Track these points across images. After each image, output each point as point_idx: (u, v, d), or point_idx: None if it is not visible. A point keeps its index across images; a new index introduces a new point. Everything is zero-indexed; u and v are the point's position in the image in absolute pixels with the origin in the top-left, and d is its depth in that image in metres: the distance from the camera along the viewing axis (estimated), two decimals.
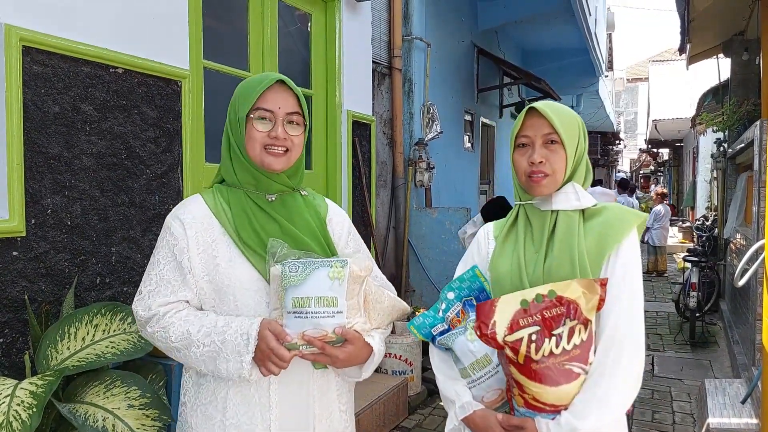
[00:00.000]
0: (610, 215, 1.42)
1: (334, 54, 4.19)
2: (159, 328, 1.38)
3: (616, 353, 1.28)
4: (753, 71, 6.79)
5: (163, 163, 2.78)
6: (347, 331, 1.33)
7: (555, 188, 1.43)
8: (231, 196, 1.47)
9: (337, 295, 1.31)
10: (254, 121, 1.43)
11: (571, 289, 1.27)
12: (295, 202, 1.51)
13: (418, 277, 5.34)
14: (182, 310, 1.41)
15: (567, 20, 7.72)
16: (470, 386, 1.43)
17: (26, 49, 2.19)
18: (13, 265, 2.17)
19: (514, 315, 1.26)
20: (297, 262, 1.33)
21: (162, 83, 2.77)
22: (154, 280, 1.42)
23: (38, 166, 2.25)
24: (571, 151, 1.42)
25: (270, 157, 1.43)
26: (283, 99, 1.44)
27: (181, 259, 1.41)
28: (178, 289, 1.41)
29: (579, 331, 1.26)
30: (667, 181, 26.78)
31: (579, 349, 1.26)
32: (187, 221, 1.43)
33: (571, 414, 1.25)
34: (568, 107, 1.49)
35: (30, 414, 1.63)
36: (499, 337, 1.26)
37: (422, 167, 5.36)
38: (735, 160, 6.65)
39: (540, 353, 1.23)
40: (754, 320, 3.92)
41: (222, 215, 1.44)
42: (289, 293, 1.31)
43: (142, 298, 1.42)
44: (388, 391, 3.81)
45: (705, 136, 12.54)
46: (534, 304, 1.27)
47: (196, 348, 1.34)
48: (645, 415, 4.23)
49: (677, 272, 10.48)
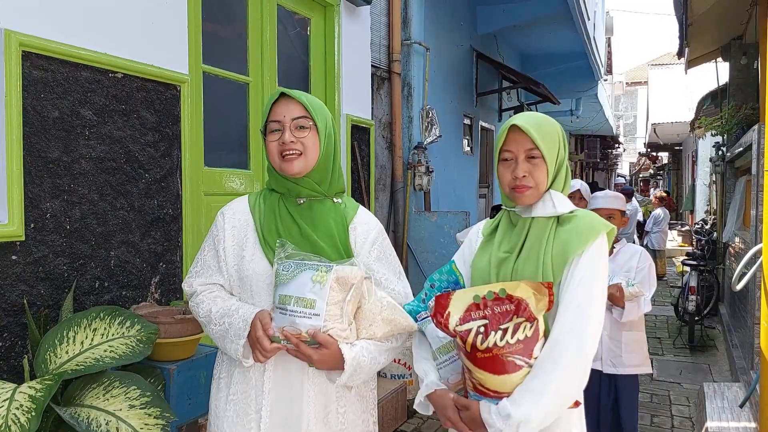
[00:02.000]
0: (579, 223, 1.50)
1: (333, 58, 4.20)
2: (194, 303, 1.63)
3: (558, 351, 1.37)
4: (751, 75, 6.81)
5: (162, 168, 2.79)
6: (318, 333, 1.40)
7: (538, 198, 1.53)
8: (269, 199, 1.65)
9: (316, 298, 1.40)
10: (268, 134, 1.60)
11: (520, 289, 1.38)
12: (322, 208, 1.62)
13: (417, 280, 5.33)
14: (214, 291, 1.62)
15: (566, 24, 7.74)
16: (438, 368, 1.57)
17: (26, 54, 2.20)
18: (12, 269, 2.18)
19: (467, 308, 1.39)
20: (292, 263, 1.44)
21: (161, 88, 2.78)
22: (200, 263, 1.66)
23: (37, 171, 2.26)
24: (551, 162, 1.52)
25: (285, 162, 1.57)
26: (288, 108, 1.58)
27: (217, 248, 1.63)
28: (214, 273, 1.63)
29: (524, 328, 1.36)
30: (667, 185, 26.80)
31: (522, 344, 1.36)
32: (227, 216, 1.65)
33: (508, 401, 1.36)
34: (547, 117, 1.58)
35: (29, 418, 1.63)
36: (451, 326, 1.39)
37: (421, 171, 5.36)
38: (734, 163, 6.66)
39: (485, 344, 1.35)
40: (752, 324, 3.93)
41: (256, 214, 1.63)
42: (278, 290, 1.44)
43: (189, 277, 1.67)
44: (386, 394, 3.81)
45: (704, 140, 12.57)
46: (485, 300, 1.39)
47: (213, 326, 1.55)
48: (644, 418, 4.23)
49: (676, 276, 10.49)
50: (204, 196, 3.13)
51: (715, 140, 8.13)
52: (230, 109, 3.50)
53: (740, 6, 5.77)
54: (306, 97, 1.60)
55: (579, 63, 9.66)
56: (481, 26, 7.46)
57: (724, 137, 7.49)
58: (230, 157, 3.48)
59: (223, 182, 3.30)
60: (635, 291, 2.77)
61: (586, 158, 21.28)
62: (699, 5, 5.73)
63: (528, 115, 1.55)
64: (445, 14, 6.39)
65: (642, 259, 3.05)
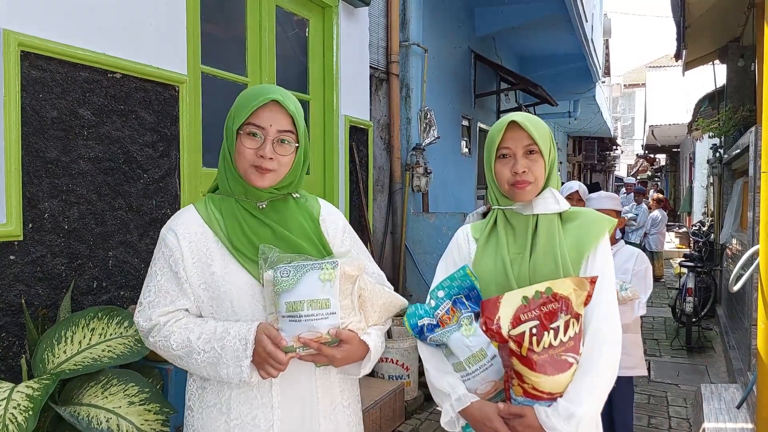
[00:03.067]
0: (586, 219, 1.56)
1: (331, 59, 4.21)
2: (161, 337, 1.41)
3: (599, 345, 1.41)
4: (749, 77, 6.83)
5: (160, 168, 2.79)
6: (341, 331, 1.35)
7: (536, 194, 1.56)
8: (223, 205, 1.49)
9: (329, 297, 1.34)
10: (243, 136, 1.44)
11: (564, 286, 1.37)
12: (286, 207, 1.52)
13: (415, 281, 5.34)
14: (181, 319, 1.43)
15: (564, 26, 7.75)
16: (464, 379, 1.50)
17: (24, 54, 2.20)
18: (10, 269, 2.18)
19: (516, 311, 1.35)
20: (288, 267, 1.36)
21: (160, 88, 2.78)
22: (153, 291, 1.44)
23: (36, 171, 2.26)
24: (548, 158, 1.56)
25: (255, 174, 1.44)
26: (276, 117, 1.44)
27: (176, 270, 1.44)
28: (176, 298, 1.44)
29: (572, 324, 1.37)
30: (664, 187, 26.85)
31: (573, 341, 1.37)
32: (180, 232, 1.46)
33: (566, 400, 1.35)
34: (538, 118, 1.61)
35: (26, 417, 1.63)
36: (504, 332, 1.34)
37: (419, 172, 5.37)
38: (731, 165, 6.68)
39: (541, 345, 1.33)
40: (749, 325, 3.94)
41: (214, 224, 1.46)
42: (282, 298, 1.34)
43: (142, 310, 1.45)
44: (384, 395, 3.81)
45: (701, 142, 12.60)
46: (533, 300, 1.36)
47: (197, 355, 1.37)
48: (641, 420, 4.24)
49: (674, 277, 10.50)
50: (202, 196, 3.12)
51: (713, 142, 8.15)
52: (229, 110, 3.49)
53: (737, 8, 5.78)
54: (296, 109, 1.47)
55: (577, 65, 9.68)
56: (479, 28, 7.47)
57: (721, 139, 7.51)
58: None
59: None
60: (629, 296, 2.76)
61: (584, 160, 21.33)
62: (696, 8, 5.75)
63: (522, 114, 1.58)
64: (444, 16, 6.41)
65: (638, 261, 3.05)
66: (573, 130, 17.47)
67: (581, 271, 1.50)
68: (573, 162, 20.35)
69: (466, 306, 1.54)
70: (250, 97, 1.45)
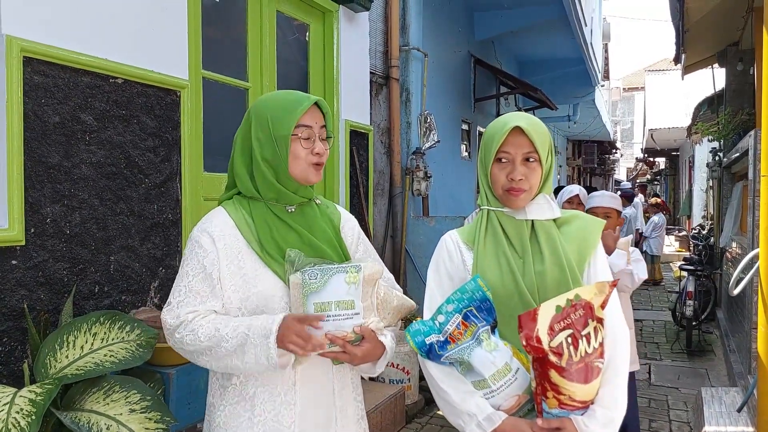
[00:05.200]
0: (582, 223, 1.57)
1: (332, 64, 4.22)
2: (188, 331, 1.42)
3: (619, 346, 1.44)
4: (747, 81, 6.85)
5: (161, 173, 2.80)
6: (365, 329, 1.43)
7: (529, 200, 1.55)
8: (253, 209, 1.53)
9: (353, 298, 1.42)
10: (298, 140, 1.51)
11: (588, 292, 1.36)
12: (312, 212, 1.59)
13: (415, 285, 5.34)
14: (209, 315, 1.46)
15: (563, 30, 7.77)
16: (488, 396, 1.44)
17: (27, 60, 2.21)
18: (12, 273, 2.18)
19: (550, 322, 1.33)
20: (315, 270, 1.43)
21: (161, 93, 2.79)
22: (183, 291, 1.47)
23: (38, 176, 2.27)
24: (545, 166, 1.54)
25: (314, 172, 1.54)
26: (317, 116, 1.55)
27: (211, 271, 1.47)
28: (206, 299, 1.47)
29: (599, 330, 1.37)
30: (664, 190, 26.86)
31: (602, 347, 1.37)
32: (215, 235, 1.49)
33: (603, 407, 1.37)
34: (540, 121, 1.58)
35: (29, 422, 1.63)
36: (545, 345, 1.30)
37: (419, 176, 5.38)
38: (730, 169, 6.69)
39: (578, 354, 1.32)
40: (749, 329, 3.94)
41: (245, 228, 1.51)
42: (310, 299, 1.42)
43: (171, 309, 1.47)
44: (385, 399, 3.81)
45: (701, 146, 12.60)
46: (565, 309, 1.34)
47: (225, 342, 1.39)
48: (642, 423, 4.23)
49: (674, 281, 10.50)
50: (203, 201, 3.14)
51: (712, 146, 8.16)
52: (230, 115, 3.51)
53: (736, 12, 5.80)
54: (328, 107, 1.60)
55: (576, 69, 9.69)
56: (479, 32, 7.49)
57: (720, 143, 7.53)
58: None
59: (222, 187, 3.31)
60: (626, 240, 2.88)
61: (583, 163, 21.33)
62: (695, 12, 5.77)
63: (525, 117, 1.54)
64: (443, 20, 6.42)
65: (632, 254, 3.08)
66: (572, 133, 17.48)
67: (584, 275, 1.51)
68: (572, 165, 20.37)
69: (479, 319, 1.45)
70: (293, 102, 1.52)
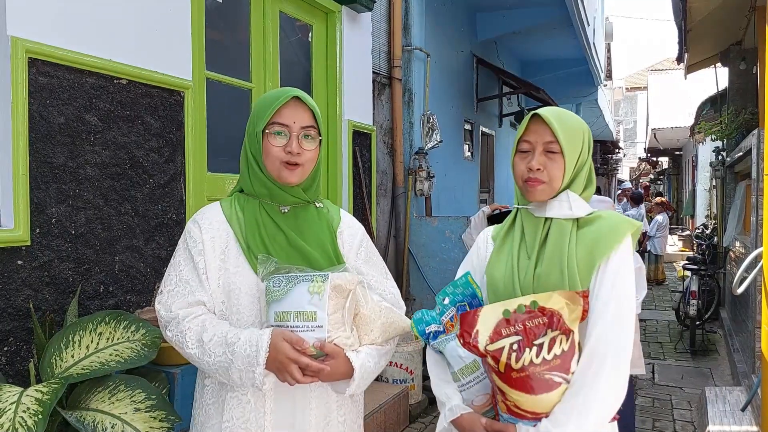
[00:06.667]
0: (603, 225, 1.41)
1: (334, 64, 4.23)
2: (177, 332, 1.42)
3: (598, 365, 1.28)
4: (750, 80, 6.84)
5: (166, 173, 2.81)
6: (326, 344, 1.35)
7: (551, 195, 1.43)
8: (246, 205, 1.53)
9: (316, 309, 1.34)
10: (270, 136, 1.48)
11: (553, 300, 1.28)
12: (306, 215, 1.55)
13: (418, 285, 5.35)
14: (200, 316, 1.43)
15: (565, 30, 7.76)
16: (461, 390, 1.46)
17: (32, 61, 2.22)
18: (17, 274, 2.19)
19: (496, 325, 1.28)
20: (282, 277, 1.37)
21: (165, 94, 2.80)
22: (174, 280, 1.47)
23: (43, 176, 2.28)
24: (570, 159, 1.41)
25: (286, 171, 1.48)
26: (298, 114, 1.49)
27: (197, 261, 1.46)
28: (195, 289, 1.45)
29: (560, 342, 1.27)
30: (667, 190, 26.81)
31: (560, 359, 1.27)
32: (204, 226, 1.49)
33: (550, 422, 1.26)
34: (574, 115, 1.48)
35: (36, 421, 1.64)
36: (481, 346, 1.28)
37: (422, 176, 5.38)
38: (733, 168, 6.68)
39: (520, 363, 1.25)
40: (753, 328, 3.94)
41: (235, 223, 1.50)
42: (272, 308, 1.37)
43: (162, 298, 1.47)
44: (388, 399, 3.82)
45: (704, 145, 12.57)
46: (516, 314, 1.28)
47: (208, 357, 1.37)
48: (646, 423, 4.23)
49: (677, 281, 10.49)
50: (207, 201, 3.15)
51: (715, 145, 8.15)
52: (233, 115, 3.52)
53: (739, 12, 5.80)
54: (316, 106, 1.54)
55: (579, 68, 9.68)
56: (481, 32, 7.49)
57: (723, 142, 7.52)
58: (233, 163, 3.49)
59: (226, 188, 3.32)
60: None
61: None
62: (698, 11, 5.77)
63: (553, 108, 1.46)
64: (446, 21, 6.43)
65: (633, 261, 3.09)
66: None
67: (592, 282, 1.36)
68: None
69: None
70: (271, 98, 1.50)
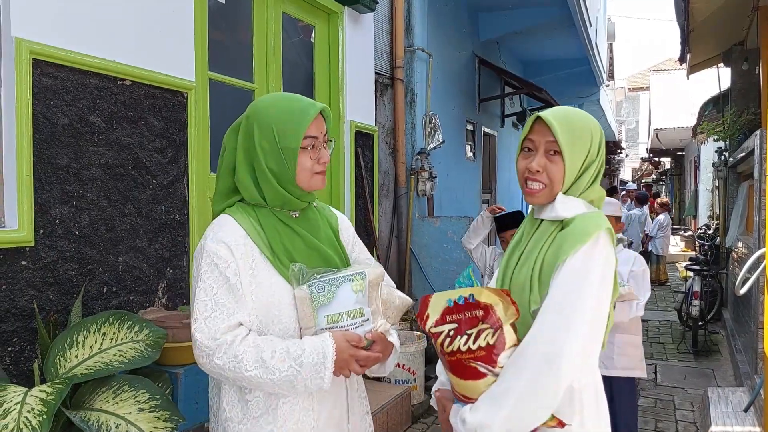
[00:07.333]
0: (575, 226, 1.36)
1: (337, 65, 4.23)
2: (230, 358, 1.39)
3: (525, 360, 1.27)
4: (753, 81, 6.83)
5: (169, 174, 2.82)
6: (375, 333, 1.49)
7: (550, 199, 1.41)
8: (261, 217, 1.52)
9: (362, 306, 1.47)
10: (306, 150, 1.49)
11: (485, 295, 1.34)
12: (314, 216, 1.61)
13: (420, 285, 5.35)
14: (247, 337, 1.42)
15: (568, 31, 7.76)
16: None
17: (36, 62, 2.23)
18: (22, 274, 2.20)
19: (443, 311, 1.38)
20: (322, 282, 1.45)
21: (168, 95, 2.81)
22: (209, 305, 1.42)
23: (47, 177, 2.29)
24: (571, 162, 1.38)
25: (318, 180, 1.54)
26: (321, 123, 1.54)
27: (234, 282, 1.44)
28: (234, 311, 1.43)
29: (487, 335, 1.32)
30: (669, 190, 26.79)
31: (484, 351, 1.31)
32: (232, 244, 1.46)
33: (467, 406, 1.33)
34: (584, 114, 1.44)
35: (40, 421, 1.65)
36: (427, 327, 1.40)
37: (424, 177, 5.39)
38: (736, 169, 6.67)
39: (450, 347, 1.34)
40: (756, 329, 3.94)
41: (256, 235, 1.49)
42: (321, 312, 1.45)
43: (200, 327, 1.41)
44: (390, 400, 3.82)
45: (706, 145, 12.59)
46: (456, 304, 1.36)
47: (272, 375, 1.39)
48: (648, 424, 4.23)
49: (680, 281, 10.47)
50: (210, 201, 3.16)
51: (718, 145, 8.14)
52: (236, 116, 3.49)
53: (741, 12, 5.79)
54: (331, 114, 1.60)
55: (581, 69, 9.68)
56: (483, 33, 7.50)
57: (726, 142, 7.51)
58: None
59: None
60: (626, 291, 2.82)
61: None
62: (700, 11, 5.76)
63: (559, 109, 1.42)
64: (448, 21, 6.43)
65: (636, 263, 3.11)
66: None
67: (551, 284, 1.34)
68: None
69: None
70: (299, 112, 1.49)
